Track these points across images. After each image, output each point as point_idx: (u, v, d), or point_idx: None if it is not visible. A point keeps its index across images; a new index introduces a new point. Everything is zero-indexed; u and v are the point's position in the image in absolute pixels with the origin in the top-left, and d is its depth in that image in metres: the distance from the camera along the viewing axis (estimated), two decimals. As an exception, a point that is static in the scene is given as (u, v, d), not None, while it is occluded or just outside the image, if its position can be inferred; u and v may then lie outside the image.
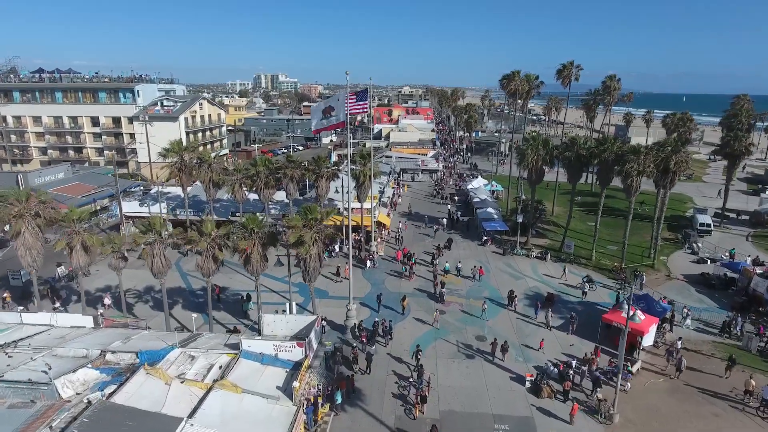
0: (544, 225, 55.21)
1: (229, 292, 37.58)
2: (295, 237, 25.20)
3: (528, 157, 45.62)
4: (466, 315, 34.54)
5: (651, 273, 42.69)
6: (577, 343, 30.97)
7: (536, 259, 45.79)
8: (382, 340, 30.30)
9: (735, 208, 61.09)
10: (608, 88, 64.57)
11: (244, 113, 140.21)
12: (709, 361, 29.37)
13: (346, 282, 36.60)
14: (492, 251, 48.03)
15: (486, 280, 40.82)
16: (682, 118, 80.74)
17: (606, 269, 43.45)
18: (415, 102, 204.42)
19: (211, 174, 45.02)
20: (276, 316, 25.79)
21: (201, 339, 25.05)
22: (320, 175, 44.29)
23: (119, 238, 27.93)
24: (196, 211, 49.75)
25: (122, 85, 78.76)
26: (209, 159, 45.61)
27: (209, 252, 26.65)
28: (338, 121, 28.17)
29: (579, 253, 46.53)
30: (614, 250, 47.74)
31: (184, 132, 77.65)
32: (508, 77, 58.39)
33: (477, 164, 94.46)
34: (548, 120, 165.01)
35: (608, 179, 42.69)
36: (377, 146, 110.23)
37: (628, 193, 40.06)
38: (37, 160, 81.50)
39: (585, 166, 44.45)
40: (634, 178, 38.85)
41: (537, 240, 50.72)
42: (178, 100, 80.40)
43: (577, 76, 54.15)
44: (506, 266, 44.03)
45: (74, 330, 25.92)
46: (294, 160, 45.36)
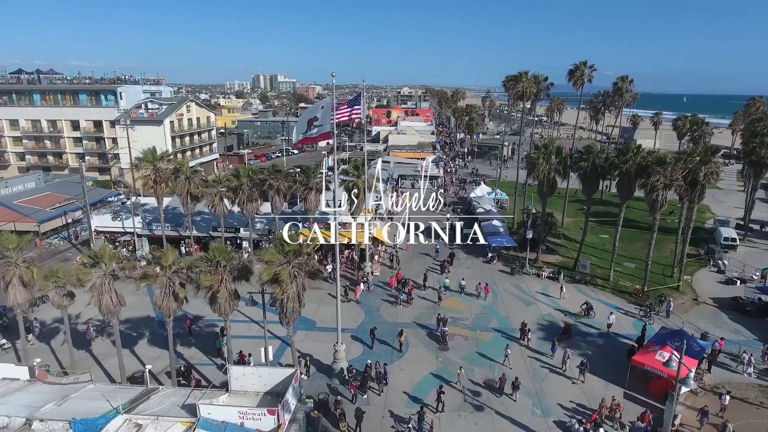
0: (554, 239, 50.91)
1: (203, 322, 33.24)
2: (269, 274, 20.87)
3: (539, 167, 41.35)
4: (472, 351, 30.18)
5: (676, 296, 38.40)
6: (598, 386, 26.58)
7: (548, 279, 41.46)
8: (375, 387, 25.97)
9: (759, 219, 56.83)
10: (620, 90, 60.40)
11: (238, 115, 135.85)
12: (759, 413, 25.04)
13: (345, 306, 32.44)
14: (499, 270, 43.71)
15: (493, 306, 36.50)
16: (696, 121, 76.40)
17: (626, 292, 39.12)
18: (414, 103, 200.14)
19: (189, 186, 40.67)
20: (246, 369, 21.45)
21: (155, 398, 20.66)
22: (309, 187, 39.93)
23: (64, 271, 23.57)
24: (174, 226, 45.38)
25: (104, 87, 74.36)
26: (186, 169, 41.21)
27: (169, 289, 22.31)
28: (322, 132, 23.84)
29: (594, 272, 42.24)
30: (633, 268, 43.38)
31: (170, 136, 73.29)
32: (514, 78, 54.02)
33: (477, 169, 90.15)
34: (551, 122, 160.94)
35: (629, 192, 38.36)
36: (375, 150, 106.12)
37: (653, 208, 35.72)
38: (15, 166, 77.10)
39: (602, 177, 40.08)
40: (660, 192, 34.52)
41: (547, 256, 46.43)
42: (163, 102, 76.00)
43: (590, 77, 49.86)
44: (515, 288, 39.71)
45: (4, 384, 21.59)
46: (280, 170, 40.96)
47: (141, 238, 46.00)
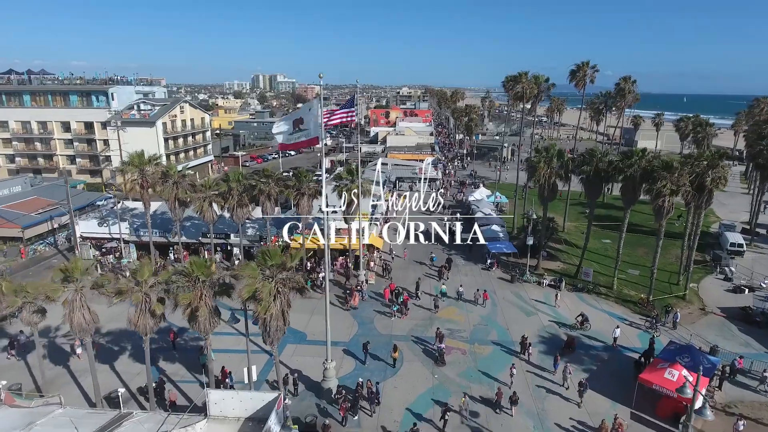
0: (556, 244, 49.47)
1: (187, 335, 31.74)
2: (249, 291, 19.37)
3: (540, 171, 39.89)
4: (471, 367, 28.68)
5: (682, 305, 36.96)
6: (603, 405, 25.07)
7: (549, 287, 39.98)
8: (367, 407, 24.49)
9: (765, 223, 55.37)
10: (622, 91, 58.88)
11: (235, 116, 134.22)
12: (774, 436, 23.58)
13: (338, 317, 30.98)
14: (498, 277, 42.24)
15: (492, 316, 35.03)
16: (699, 122, 74.92)
17: (630, 302, 37.63)
18: (413, 104, 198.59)
19: (177, 191, 39.19)
20: (226, 393, 19.95)
21: (127, 424, 19.13)
22: (301, 192, 38.42)
23: (34, 286, 22.05)
24: (163, 232, 43.90)
25: (95, 88, 72.76)
26: (174, 173, 39.72)
27: (145, 305, 20.82)
28: (308, 138, 22.34)
29: (597, 280, 40.76)
30: (637, 275, 41.82)
31: (162, 138, 71.77)
32: (513, 79, 52.47)
33: (476, 171, 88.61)
34: (551, 122, 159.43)
35: (634, 198, 36.89)
36: (373, 151, 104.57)
37: (659, 215, 34.24)
38: (5, 168, 75.54)
39: (606, 181, 38.62)
40: (667, 197, 33.05)
41: (548, 263, 44.95)
42: (156, 103, 74.46)
43: (593, 78, 48.37)
44: (515, 297, 38.23)
45: (-33, 409, 20.07)
46: (271, 174, 39.43)
47: (128, 244, 44.52)
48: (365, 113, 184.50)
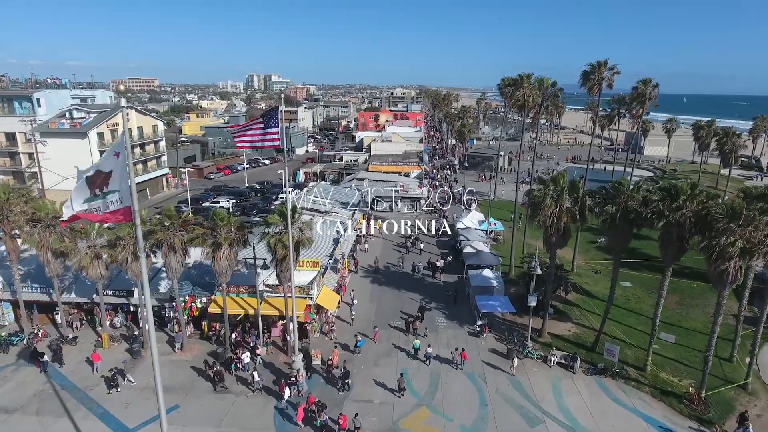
0: (563, 294, 38.87)
1: None
2: None
3: (546, 210, 29.25)
4: None
5: (745, 399, 26.54)
6: None
7: (558, 367, 29.37)
8: None
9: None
10: (641, 96, 48.57)
11: (207, 120, 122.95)
12: None
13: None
14: (490, 348, 31.54)
15: (480, 426, 24.34)
16: (726, 132, 64.32)
17: (673, 394, 26.94)
18: (405, 105, 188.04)
19: (48, 239, 28.47)
20: None
21: None
22: (217, 242, 27.57)
23: None
24: (45, 287, 32.97)
25: (18, 93, 61.84)
26: (47, 215, 28.91)
27: None
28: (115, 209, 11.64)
29: (622, 354, 30.11)
30: (672, 343, 31.11)
31: (98, 151, 60.82)
32: (512, 83, 41.52)
33: (467, 187, 74.31)
34: (551, 125, 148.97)
35: (680, 252, 26.24)
36: (355, 160, 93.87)
37: (721, 284, 23.62)
38: None
39: (637, 226, 27.92)
40: (736, 260, 22.39)
41: (555, 324, 34.40)
42: (93, 110, 63.58)
43: (611, 82, 37.68)
44: (513, 389, 27.47)
45: None
46: (173, 216, 28.45)
47: (1, 303, 33.67)
48: (354, 116, 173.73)
